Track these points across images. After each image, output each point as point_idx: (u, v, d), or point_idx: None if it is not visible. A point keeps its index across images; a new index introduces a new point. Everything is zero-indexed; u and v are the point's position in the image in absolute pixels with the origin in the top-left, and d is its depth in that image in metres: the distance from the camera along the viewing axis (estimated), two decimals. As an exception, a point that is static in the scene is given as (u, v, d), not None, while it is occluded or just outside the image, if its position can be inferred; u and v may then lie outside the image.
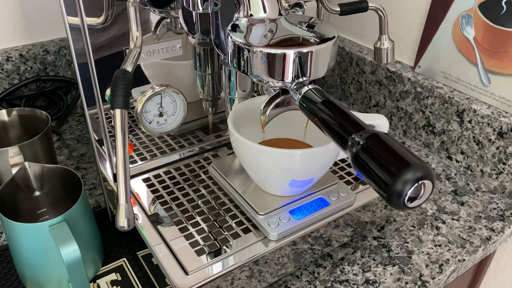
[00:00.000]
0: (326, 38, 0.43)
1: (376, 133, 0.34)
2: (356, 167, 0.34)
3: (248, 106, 0.57)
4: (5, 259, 0.58)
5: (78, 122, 0.86)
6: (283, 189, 0.54)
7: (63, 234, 0.47)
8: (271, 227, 0.51)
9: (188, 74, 0.61)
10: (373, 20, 0.88)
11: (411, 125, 0.82)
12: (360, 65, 0.88)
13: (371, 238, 0.63)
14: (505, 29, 0.67)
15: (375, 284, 0.56)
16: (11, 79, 0.83)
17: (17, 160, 0.61)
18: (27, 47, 0.83)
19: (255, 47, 0.41)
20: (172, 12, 0.54)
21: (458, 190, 0.72)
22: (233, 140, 0.52)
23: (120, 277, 0.56)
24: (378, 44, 0.60)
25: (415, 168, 0.31)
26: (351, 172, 0.63)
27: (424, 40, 0.78)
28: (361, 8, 0.56)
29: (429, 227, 0.65)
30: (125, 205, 0.40)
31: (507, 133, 0.67)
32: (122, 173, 0.40)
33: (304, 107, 0.41)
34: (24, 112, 0.69)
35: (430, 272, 0.58)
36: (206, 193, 0.58)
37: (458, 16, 0.72)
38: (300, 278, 0.57)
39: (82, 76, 0.51)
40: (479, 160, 0.72)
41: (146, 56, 0.56)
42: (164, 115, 0.57)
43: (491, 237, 0.63)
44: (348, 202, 0.56)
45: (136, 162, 0.62)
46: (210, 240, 0.51)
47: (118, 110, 0.41)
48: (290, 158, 0.49)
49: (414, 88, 0.79)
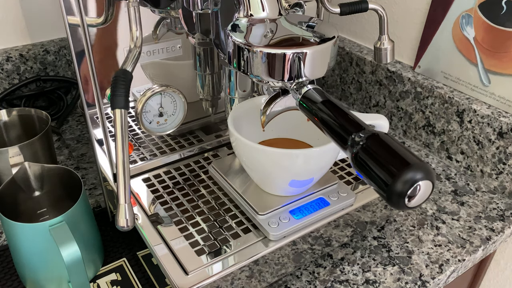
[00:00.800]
0: (326, 38, 0.43)
1: (376, 133, 0.34)
2: (356, 167, 0.34)
3: (248, 106, 0.57)
4: (5, 259, 0.58)
5: (78, 122, 0.86)
6: (283, 189, 0.54)
7: (63, 234, 0.47)
8: (271, 227, 0.51)
9: (188, 74, 0.61)
10: (373, 20, 0.88)
11: (411, 125, 0.82)
12: (360, 65, 0.88)
13: (371, 238, 0.63)
14: (505, 29, 0.67)
15: (375, 284, 0.56)
16: (11, 79, 0.83)
17: (17, 160, 0.61)
18: (27, 47, 0.83)
19: (255, 47, 0.41)
20: (172, 12, 0.54)
21: (458, 190, 0.72)
22: (233, 140, 0.52)
23: (120, 277, 0.56)
24: (378, 44, 0.60)
25: (415, 168, 0.31)
26: (351, 172, 0.63)
27: (424, 40, 0.78)
28: (361, 8, 0.56)
29: (429, 227, 0.65)
30: (125, 205, 0.40)
31: (507, 133, 0.67)
32: (122, 173, 0.40)
33: (304, 107, 0.41)
34: (24, 112, 0.69)
35: (430, 272, 0.58)
36: (206, 193, 0.58)
37: (458, 16, 0.72)
38: (300, 278, 0.57)
39: (82, 76, 0.51)
40: (479, 160, 0.72)
41: (146, 56, 0.56)
42: (164, 115, 0.57)
43: (491, 237, 0.63)
44: (348, 202, 0.56)
45: (136, 162, 0.62)
46: (210, 240, 0.51)
47: (118, 110, 0.41)
48: (290, 158, 0.49)
49: (414, 88, 0.79)
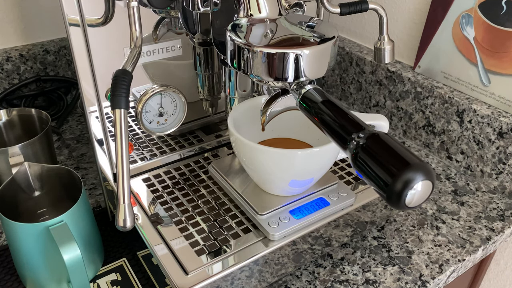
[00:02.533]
0: (326, 38, 0.43)
1: (376, 133, 0.34)
2: (356, 167, 0.34)
3: (248, 106, 0.57)
4: (5, 259, 0.58)
5: (78, 122, 0.86)
6: (283, 189, 0.54)
7: (63, 234, 0.47)
8: (271, 227, 0.51)
9: (188, 74, 0.61)
10: (373, 20, 0.88)
11: (411, 125, 0.82)
12: (360, 65, 0.88)
13: (371, 238, 0.63)
14: (505, 29, 0.67)
15: (375, 284, 0.56)
16: (11, 79, 0.83)
17: (17, 160, 0.61)
18: (27, 47, 0.83)
19: (255, 47, 0.41)
20: (172, 12, 0.54)
21: (458, 190, 0.72)
22: (233, 140, 0.52)
23: (120, 277, 0.56)
24: (378, 44, 0.60)
25: (415, 168, 0.31)
26: (351, 172, 0.63)
27: (424, 40, 0.78)
28: (361, 8, 0.55)
29: (429, 227, 0.65)
30: (125, 205, 0.40)
31: (507, 133, 0.67)
32: (122, 173, 0.40)
33: (304, 107, 0.41)
34: (24, 112, 0.69)
35: (430, 272, 0.58)
36: (206, 193, 0.58)
37: (458, 16, 0.72)
38: (300, 278, 0.57)
39: (82, 76, 0.51)
40: (479, 160, 0.72)
41: (146, 56, 0.56)
42: (164, 115, 0.57)
43: (491, 237, 0.63)
44: (348, 202, 0.56)
45: (136, 162, 0.62)
46: (210, 240, 0.51)
47: (118, 110, 0.41)
48: (290, 158, 0.49)
49: (414, 88, 0.79)
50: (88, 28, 0.49)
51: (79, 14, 0.48)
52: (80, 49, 0.50)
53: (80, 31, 0.49)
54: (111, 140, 0.56)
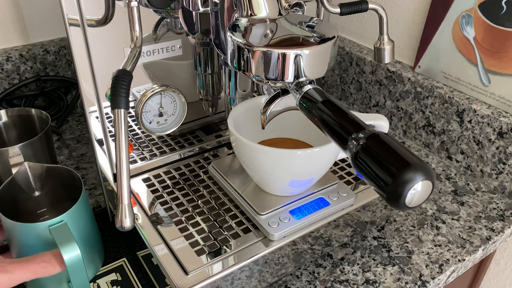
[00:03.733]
0: (326, 38, 0.43)
1: (376, 133, 0.34)
2: (356, 167, 0.34)
3: (248, 106, 0.57)
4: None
5: (78, 122, 0.86)
6: (283, 189, 0.54)
7: (63, 234, 0.47)
8: (271, 227, 0.51)
9: (188, 74, 0.61)
10: (373, 20, 0.88)
11: (411, 125, 0.82)
12: (360, 65, 0.88)
13: (371, 238, 0.63)
14: (505, 29, 0.67)
15: (375, 284, 0.56)
16: (11, 79, 0.83)
17: (17, 160, 0.61)
18: (27, 47, 0.83)
19: (255, 47, 0.41)
20: (172, 12, 0.54)
21: (458, 190, 0.72)
22: (233, 140, 0.52)
23: (120, 277, 0.56)
24: (378, 44, 0.60)
25: (415, 168, 0.31)
26: (351, 172, 0.63)
27: (424, 40, 0.78)
28: (361, 8, 0.55)
29: (429, 227, 0.65)
30: (125, 205, 0.40)
31: (507, 133, 0.67)
32: (122, 173, 0.40)
33: (304, 107, 0.41)
34: (24, 112, 0.68)
35: (430, 272, 0.58)
36: (206, 193, 0.58)
37: (458, 16, 0.72)
38: (300, 278, 0.57)
39: (82, 76, 0.51)
40: (479, 160, 0.72)
41: (146, 56, 0.56)
42: (164, 115, 0.57)
43: (491, 237, 0.63)
44: (348, 202, 0.56)
45: (136, 162, 0.62)
46: (210, 240, 0.51)
47: (118, 110, 0.41)
48: (290, 158, 0.49)
49: (414, 88, 0.79)
50: (88, 28, 0.49)
51: (79, 14, 0.48)
52: (80, 49, 0.50)
53: (80, 31, 0.49)
54: (111, 140, 0.56)
